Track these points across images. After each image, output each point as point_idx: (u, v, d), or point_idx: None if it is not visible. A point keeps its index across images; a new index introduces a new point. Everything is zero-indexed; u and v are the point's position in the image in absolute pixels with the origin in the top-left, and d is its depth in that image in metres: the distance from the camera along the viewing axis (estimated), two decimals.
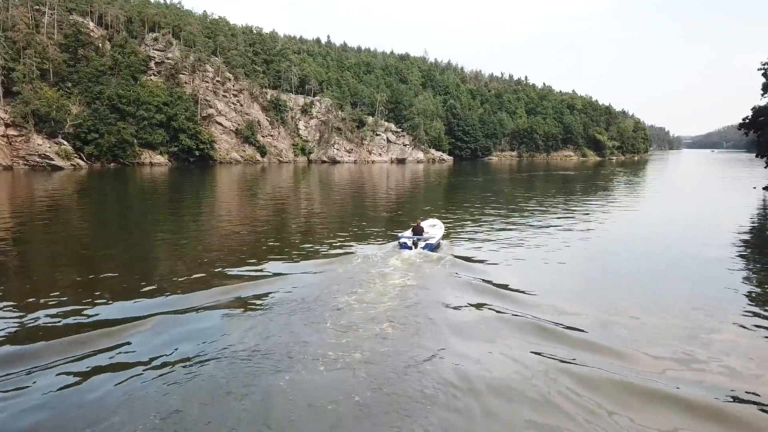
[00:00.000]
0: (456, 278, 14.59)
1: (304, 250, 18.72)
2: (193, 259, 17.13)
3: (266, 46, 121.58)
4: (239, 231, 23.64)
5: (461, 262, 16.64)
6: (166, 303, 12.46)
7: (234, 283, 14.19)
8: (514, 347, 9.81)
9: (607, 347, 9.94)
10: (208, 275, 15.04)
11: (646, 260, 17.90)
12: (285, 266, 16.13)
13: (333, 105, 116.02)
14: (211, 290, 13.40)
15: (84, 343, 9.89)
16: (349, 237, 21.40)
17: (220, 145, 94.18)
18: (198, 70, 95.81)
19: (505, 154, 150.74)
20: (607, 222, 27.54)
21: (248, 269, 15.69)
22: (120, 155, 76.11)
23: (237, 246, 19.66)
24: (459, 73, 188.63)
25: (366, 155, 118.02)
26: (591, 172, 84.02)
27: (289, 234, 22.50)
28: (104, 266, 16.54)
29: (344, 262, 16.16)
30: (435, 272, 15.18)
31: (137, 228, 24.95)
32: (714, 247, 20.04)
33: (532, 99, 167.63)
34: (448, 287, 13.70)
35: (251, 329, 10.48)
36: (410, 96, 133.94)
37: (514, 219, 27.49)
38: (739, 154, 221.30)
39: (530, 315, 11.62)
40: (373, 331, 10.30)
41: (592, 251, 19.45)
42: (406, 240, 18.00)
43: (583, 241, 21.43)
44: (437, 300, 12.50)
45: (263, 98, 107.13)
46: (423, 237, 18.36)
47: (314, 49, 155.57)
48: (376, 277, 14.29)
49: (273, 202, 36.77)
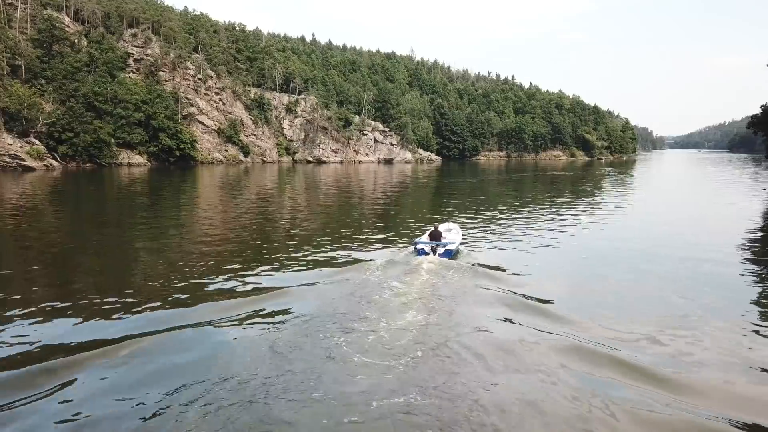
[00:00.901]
0: (483, 290, 13.06)
1: (304, 259, 17.03)
2: (177, 271, 15.28)
3: (249, 43, 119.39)
4: (228, 237, 21.73)
5: (485, 270, 15.14)
6: (144, 322, 10.70)
7: (226, 298, 12.47)
8: (562, 375, 8.33)
9: (685, 383, 8.41)
10: (195, 290, 13.27)
11: (684, 268, 16.49)
12: (285, 278, 14.45)
13: (318, 104, 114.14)
14: (198, 307, 11.65)
15: (35, 379, 8.11)
16: (354, 243, 19.83)
17: (202, 144, 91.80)
18: (179, 67, 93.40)
19: (494, 154, 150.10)
20: (623, 224, 26.38)
21: (242, 282, 13.95)
22: (96, 155, 73.42)
23: (226, 255, 17.72)
24: (446, 72, 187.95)
25: (353, 155, 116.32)
26: (584, 173, 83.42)
27: (284, 241, 20.66)
28: (76, 277, 14.69)
29: (357, 272, 14.63)
30: (459, 283, 13.69)
31: (114, 234, 23.00)
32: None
33: (520, 98, 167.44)
34: (477, 301, 12.15)
35: (253, 357, 8.79)
36: (397, 95, 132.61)
37: (523, 222, 26.02)
38: (726, 154, 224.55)
39: (572, 335, 10.14)
40: (400, 358, 8.72)
41: (619, 258, 18.00)
42: (423, 246, 16.80)
43: (607, 248, 20.00)
44: (467, 317, 10.93)
45: (246, 96, 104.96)
46: (441, 242, 17.00)
47: (299, 47, 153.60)
48: (394, 289, 12.78)
49: (261, 206, 34.98)
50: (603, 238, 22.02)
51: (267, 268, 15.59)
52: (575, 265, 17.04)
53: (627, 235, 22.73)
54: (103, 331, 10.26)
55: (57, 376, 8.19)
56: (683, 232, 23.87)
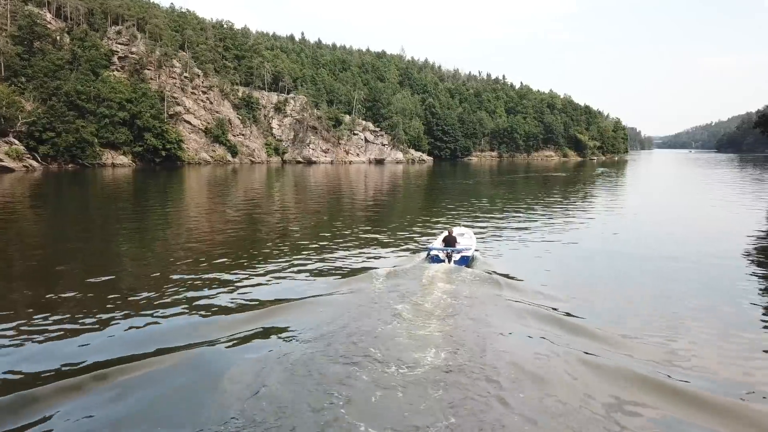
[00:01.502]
0: (508, 303, 12.13)
1: (304, 268, 15.94)
2: (165, 283, 14.17)
3: (237, 41, 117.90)
4: (218, 244, 20.60)
5: (505, 280, 14.19)
6: (131, 343, 9.66)
7: (219, 314, 11.44)
8: (611, 401, 7.46)
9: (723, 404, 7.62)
10: (185, 305, 12.19)
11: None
12: (284, 290, 13.40)
13: (308, 103, 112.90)
14: (190, 325, 10.62)
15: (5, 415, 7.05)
16: (356, 249, 18.86)
17: (189, 144, 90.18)
18: (164, 65, 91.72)
19: (485, 154, 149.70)
20: (637, 227, 25.68)
21: (236, 296, 12.87)
22: (79, 156, 71.63)
23: (217, 264, 16.52)
24: (436, 71, 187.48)
25: (343, 155, 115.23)
26: (580, 173, 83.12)
27: (280, 247, 19.53)
28: (56, 289, 13.55)
29: (366, 282, 13.61)
30: (480, 294, 12.74)
31: (98, 240, 21.85)
32: None
33: (512, 98, 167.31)
34: (503, 316, 11.22)
35: (256, 385, 7.84)
36: (388, 94, 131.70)
37: (530, 226, 25.22)
38: (717, 155, 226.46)
39: (617, 354, 9.31)
40: (429, 387, 7.78)
41: (643, 267, 17.13)
42: (437, 252, 15.95)
43: (625, 252, 19.20)
44: (496, 336, 10.00)
45: (234, 95, 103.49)
46: (456, 248, 16.13)
47: (288, 45, 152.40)
48: (411, 302, 11.74)
49: (251, 209, 33.83)
50: (617, 241, 21.29)
51: (263, 279, 14.53)
52: (596, 271, 16.29)
53: (643, 240, 21.89)
54: (84, 354, 9.22)
55: (29, 411, 7.14)
56: (694, 235, 23.19)
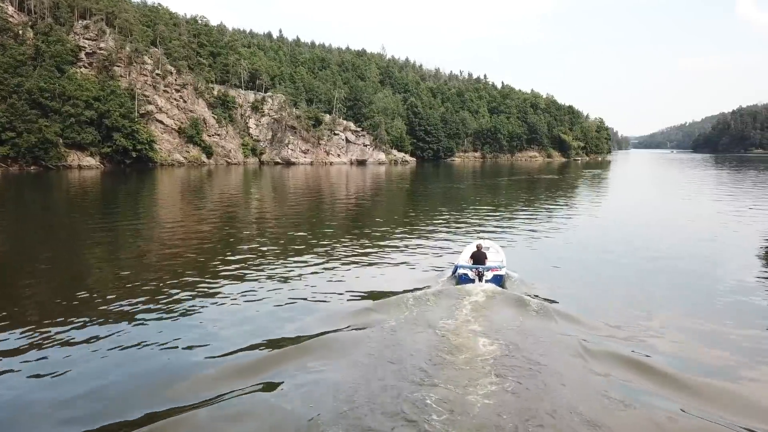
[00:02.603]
0: (563, 336, 10.42)
1: (306, 290, 14.14)
2: (137, 311, 12.18)
3: (212, 38, 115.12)
4: (198, 260, 18.62)
5: (552, 306, 12.55)
6: (93, 410, 7.84)
7: (217, 354, 9.67)
8: None
9: None
10: (167, 339, 10.36)
11: None
12: (287, 323, 11.48)
13: (286, 102, 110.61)
14: (166, 387, 8.67)
15: None
16: (369, 265, 17.23)
17: (161, 145, 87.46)
18: (135, 61, 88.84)
19: (468, 155, 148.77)
20: (667, 239, 24.13)
21: (228, 334, 10.82)
22: (42, 157, 68.76)
23: (201, 288, 14.46)
24: (417, 70, 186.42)
25: (323, 156, 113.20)
26: (571, 175, 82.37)
27: (272, 264, 17.44)
28: (14, 307, 11.71)
29: (394, 309, 11.95)
30: (530, 325, 11.07)
31: (62, 250, 19.93)
32: None
33: (495, 98, 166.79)
34: (563, 354, 9.49)
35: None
36: (369, 93, 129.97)
37: (548, 236, 23.67)
38: (696, 155, 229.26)
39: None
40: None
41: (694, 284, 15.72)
42: (466, 271, 14.29)
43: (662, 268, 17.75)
44: (560, 383, 8.33)
45: (209, 94, 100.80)
46: (487, 266, 14.52)
47: (265, 43, 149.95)
48: (450, 335, 10.12)
49: (231, 216, 31.93)
50: (660, 258, 19.31)
51: (259, 308, 12.66)
52: (652, 294, 14.54)
53: (675, 252, 20.41)
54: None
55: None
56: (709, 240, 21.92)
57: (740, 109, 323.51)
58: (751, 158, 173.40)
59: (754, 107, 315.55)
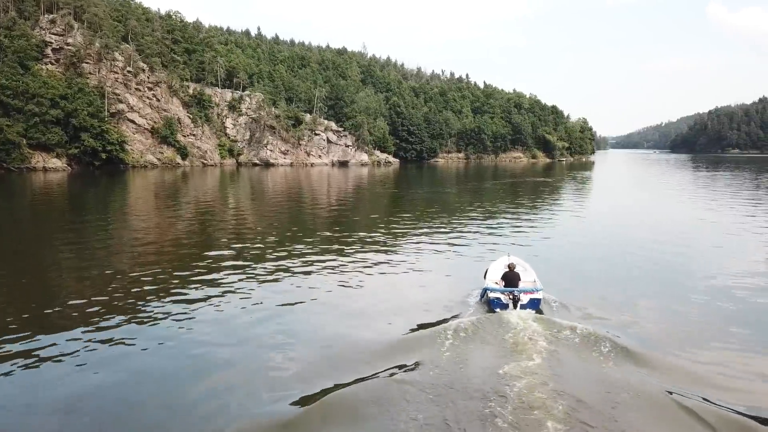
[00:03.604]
0: (641, 384, 8.57)
1: (317, 317, 12.77)
2: (110, 333, 10.25)
3: (187, 34, 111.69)
4: (178, 270, 16.97)
5: (606, 335, 10.86)
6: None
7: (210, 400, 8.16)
8: None
9: None
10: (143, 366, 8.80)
11: None
12: (310, 364, 9.94)
13: (265, 100, 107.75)
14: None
15: None
16: (379, 285, 15.75)
17: (133, 146, 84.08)
18: (105, 58, 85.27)
19: (452, 155, 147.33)
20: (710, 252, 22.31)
21: (215, 385, 9.16)
22: (3, 159, 65.21)
23: (180, 313, 13.04)
24: (399, 69, 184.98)
25: (304, 157, 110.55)
26: (560, 178, 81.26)
27: (265, 282, 15.78)
28: None
29: (425, 347, 10.47)
30: (592, 368, 9.45)
31: (24, 261, 17.63)
32: None
33: (478, 97, 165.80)
34: (651, 411, 7.60)
35: None
36: (351, 92, 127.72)
37: (583, 251, 21.68)
38: (679, 155, 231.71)
39: None
40: None
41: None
42: (498, 295, 12.99)
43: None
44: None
45: (184, 92, 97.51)
46: (522, 288, 13.18)
47: (243, 41, 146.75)
48: (505, 381, 8.73)
49: (213, 223, 29.63)
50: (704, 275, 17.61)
51: (255, 342, 11.11)
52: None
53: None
54: None
55: None
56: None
57: (717, 109, 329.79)
58: (731, 158, 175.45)
59: (728, 108, 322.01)
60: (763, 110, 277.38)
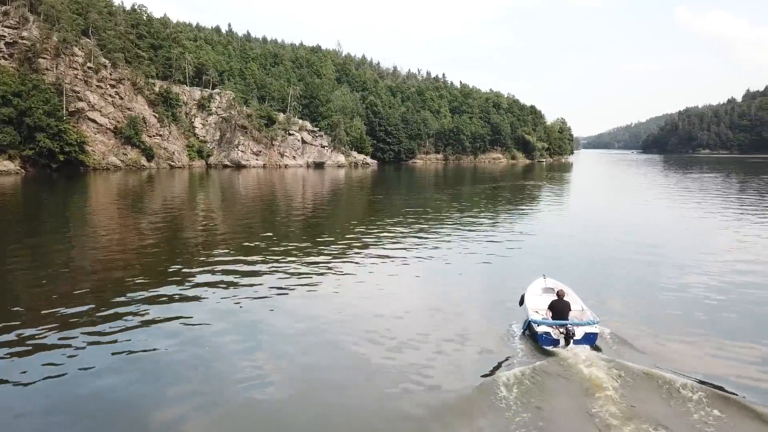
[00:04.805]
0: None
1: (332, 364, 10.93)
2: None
3: (153, 29, 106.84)
4: (154, 279, 15.76)
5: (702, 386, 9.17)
6: None
7: None
8: None
9: None
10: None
11: None
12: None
13: (236, 99, 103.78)
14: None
15: None
16: (393, 316, 13.64)
17: (94, 147, 79.54)
18: (63, 53, 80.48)
19: (431, 156, 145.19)
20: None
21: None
22: None
23: (154, 317, 12.53)
24: (375, 68, 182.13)
25: (277, 158, 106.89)
26: (546, 181, 79.65)
27: (259, 310, 14.13)
28: None
29: (485, 409, 8.61)
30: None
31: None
32: None
33: (456, 97, 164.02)
34: None
35: None
36: (326, 90, 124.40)
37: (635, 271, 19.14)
38: (655, 156, 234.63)
39: None
40: None
41: None
42: (547, 330, 11.38)
43: None
44: None
45: (150, 90, 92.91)
46: (576, 321, 11.55)
47: (213, 37, 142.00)
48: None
49: (184, 229, 26.50)
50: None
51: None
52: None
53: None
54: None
55: None
56: None
57: (687, 110, 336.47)
58: (705, 159, 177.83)
59: (695, 108, 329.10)
60: (732, 111, 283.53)
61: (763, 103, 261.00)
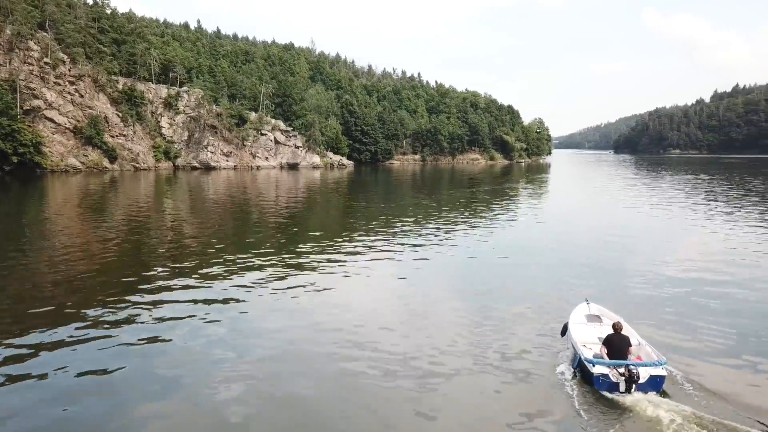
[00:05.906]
0: None
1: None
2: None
3: (116, 23, 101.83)
4: (116, 290, 14.95)
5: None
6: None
7: None
8: None
9: None
10: None
11: None
12: None
13: (205, 97, 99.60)
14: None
15: None
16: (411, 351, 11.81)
17: (52, 147, 74.89)
18: (17, 47, 75.69)
19: (408, 157, 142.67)
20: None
21: None
22: None
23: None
24: (350, 66, 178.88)
25: (249, 159, 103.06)
26: (527, 182, 78.00)
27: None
28: None
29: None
30: None
31: None
32: None
33: (433, 96, 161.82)
34: None
35: None
36: (300, 89, 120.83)
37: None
38: (621, 155, 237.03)
39: None
40: None
41: None
42: (605, 371, 9.68)
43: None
44: None
45: (112, 87, 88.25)
46: (640, 363, 9.77)
47: (181, 33, 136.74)
48: None
49: (149, 238, 23.52)
50: None
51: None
52: None
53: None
54: None
55: None
56: None
57: (657, 110, 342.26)
58: (677, 159, 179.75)
59: (664, 109, 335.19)
60: (701, 112, 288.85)
61: (730, 104, 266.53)
